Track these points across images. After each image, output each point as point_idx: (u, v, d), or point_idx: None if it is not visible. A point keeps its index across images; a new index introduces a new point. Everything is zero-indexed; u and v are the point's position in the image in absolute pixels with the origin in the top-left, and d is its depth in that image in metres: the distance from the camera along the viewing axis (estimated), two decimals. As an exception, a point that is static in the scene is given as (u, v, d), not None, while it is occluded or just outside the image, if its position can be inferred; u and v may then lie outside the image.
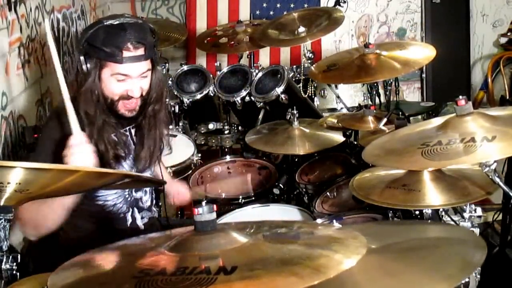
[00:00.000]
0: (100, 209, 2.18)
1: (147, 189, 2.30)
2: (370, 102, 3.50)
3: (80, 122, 1.95)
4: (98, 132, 2.04)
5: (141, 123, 2.18)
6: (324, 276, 1.06)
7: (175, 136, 3.13)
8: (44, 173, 1.28)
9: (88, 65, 2.02)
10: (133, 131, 2.21)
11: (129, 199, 2.23)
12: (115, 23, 2.02)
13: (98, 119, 2.05)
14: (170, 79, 3.54)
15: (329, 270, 1.08)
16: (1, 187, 1.27)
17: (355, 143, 2.81)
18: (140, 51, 2.03)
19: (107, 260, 1.32)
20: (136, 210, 2.26)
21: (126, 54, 2.00)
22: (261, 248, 1.21)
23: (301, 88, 3.60)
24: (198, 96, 3.46)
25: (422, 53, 2.80)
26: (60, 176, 1.31)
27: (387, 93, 3.50)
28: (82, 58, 2.03)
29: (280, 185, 2.91)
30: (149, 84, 2.11)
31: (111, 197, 2.18)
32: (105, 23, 2.02)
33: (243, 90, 3.39)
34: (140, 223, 2.28)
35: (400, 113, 2.53)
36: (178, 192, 2.51)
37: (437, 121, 1.91)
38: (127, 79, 2.04)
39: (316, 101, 3.70)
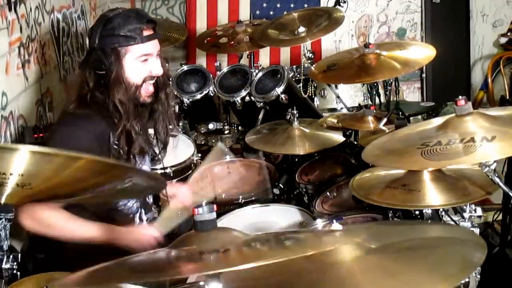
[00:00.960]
0: (114, 209, 2.19)
1: None
2: (370, 102, 3.50)
3: (115, 114, 2.06)
4: (129, 121, 2.10)
5: (153, 110, 2.24)
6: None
7: (175, 136, 3.13)
8: (48, 162, 1.27)
9: (108, 58, 2.08)
10: (151, 131, 2.26)
11: None
12: (121, 11, 2.12)
13: (130, 108, 2.11)
14: (170, 79, 3.53)
15: None
16: (3, 179, 1.26)
17: (355, 143, 2.81)
18: (152, 30, 2.15)
19: None
20: (143, 210, 2.27)
21: (145, 33, 2.10)
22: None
23: (301, 88, 3.60)
24: (198, 96, 3.46)
25: (422, 53, 2.80)
26: (64, 166, 1.29)
27: (387, 93, 3.50)
28: (100, 53, 2.07)
29: (280, 185, 2.91)
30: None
31: None
32: (110, 15, 2.10)
33: (243, 90, 3.39)
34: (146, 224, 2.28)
35: (400, 113, 2.53)
36: (174, 194, 2.47)
37: (437, 121, 1.91)
38: (149, 59, 2.13)
39: (316, 101, 3.70)
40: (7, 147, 1.26)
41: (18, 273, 1.44)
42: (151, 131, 2.29)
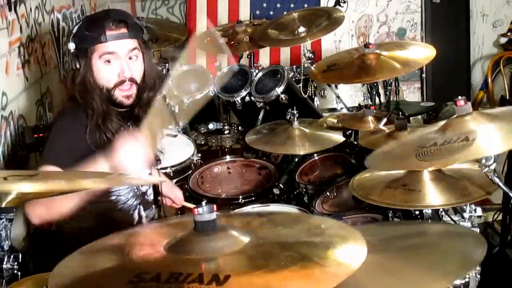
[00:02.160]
0: (112, 206, 2.18)
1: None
2: (370, 102, 3.50)
3: (83, 114, 2.05)
4: (102, 122, 2.08)
5: (138, 114, 2.19)
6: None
7: (175, 136, 3.13)
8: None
9: (78, 58, 2.09)
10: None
11: (137, 192, 2.25)
12: (96, 12, 2.18)
13: (99, 108, 2.09)
14: (170, 79, 3.53)
15: (320, 284, 1.08)
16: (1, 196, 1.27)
17: (355, 143, 2.81)
18: (123, 30, 2.10)
19: (106, 258, 1.31)
20: (141, 207, 2.28)
21: (109, 32, 2.07)
22: (259, 252, 1.20)
23: (301, 88, 3.60)
24: (198, 96, 3.46)
25: (422, 53, 2.80)
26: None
27: (387, 93, 3.50)
28: (72, 51, 2.09)
29: (280, 185, 2.91)
30: (143, 70, 2.15)
31: (124, 192, 2.20)
32: (88, 16, 2.19)
33: (243, 90, 3.39)
34: (145, 221, 2.29)
35: (400, 113, 2.53)
36: (175, 196, 2.49)
37: (440, 124, 1.89)
38: (116, 60, 2.09)
39: (316, 101, 3.70)
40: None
41: (19, 273, 1.44)
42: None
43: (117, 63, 2.09)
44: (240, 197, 2.92)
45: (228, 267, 1.15)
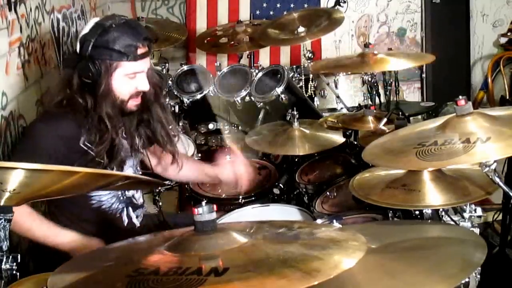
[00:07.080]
0: (96, 211, 2.18)
1: None
2: (370, 102, 3.50)
3: (100, 126, 2.05)
4: (116, 134, 2.09)
5: (150, 123, 2.25)
6: (314, 281, 1.06)
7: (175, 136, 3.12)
8: (44, 175, 1.27)
9: (98, 69, 2.03)
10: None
11: (122, 198, 2.24)
12: (118, 22, 2.05)
13: (115, 120, 2.09)
14: (170, 79, 3.54)
15: (320, 274, 1.08)
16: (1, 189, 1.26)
17: (355, 143, 2.81)
18: (146, 48, 2.10)
19: (106, 259, 1.32)
20: (130, 209, 2.27)
21: (139, 51, 2.06)
22: (258, 249, 1.21)
23: (302, 88, 3.60)
24: (198, 96, 3.45)
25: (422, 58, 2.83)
26: (61, 177, 1.30)
27: (387, 93, 3.50)
28: (89, 63, 2.03)
29: (280, 185, 2.91)
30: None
31: (105, 198, 2.19)
32: (107, 25, 2.03)
33: (243, 90, 3.39)
34: (136, 221, 2.29)
35: (400, 113, 2.53)
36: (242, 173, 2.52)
37: (438, 121, 1.90)
38: (137, 75, 2.09)
39: (316, 101, 3.69)
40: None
41: (18, 273, 1.44)
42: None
43: (137, 78, 2.10)
44: (240, 197, 2.92)
45: (227, 261, 1.16)
